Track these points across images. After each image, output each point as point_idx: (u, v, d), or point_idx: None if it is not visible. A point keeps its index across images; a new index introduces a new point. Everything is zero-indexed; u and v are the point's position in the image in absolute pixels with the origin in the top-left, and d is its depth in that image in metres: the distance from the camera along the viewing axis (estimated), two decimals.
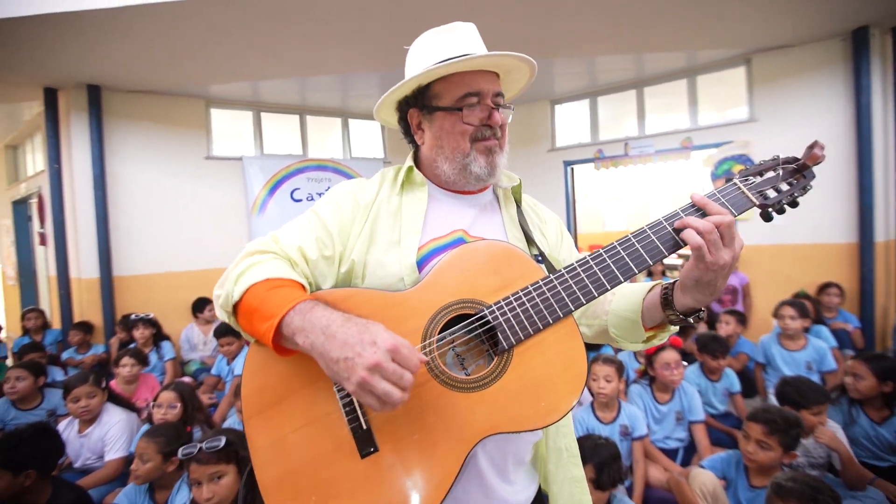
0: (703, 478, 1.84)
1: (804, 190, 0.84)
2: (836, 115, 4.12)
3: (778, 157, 0.85)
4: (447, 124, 0.92)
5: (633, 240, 0.81)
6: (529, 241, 0.97)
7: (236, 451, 1.64)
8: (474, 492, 0.85)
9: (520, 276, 0.83)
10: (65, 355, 4.10)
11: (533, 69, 0.96)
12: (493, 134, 0.92)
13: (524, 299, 0.80)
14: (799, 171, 0.84)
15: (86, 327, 4.24)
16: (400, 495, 0.74)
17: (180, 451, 1.64)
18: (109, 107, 4.57)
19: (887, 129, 4.00)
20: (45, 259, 5.63)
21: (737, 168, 4.55)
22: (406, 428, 0.76)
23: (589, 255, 0.83)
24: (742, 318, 3.53)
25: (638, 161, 5.26)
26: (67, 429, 2.44)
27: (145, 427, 2.31)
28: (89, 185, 4.42)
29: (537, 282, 0.82)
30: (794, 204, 0.84)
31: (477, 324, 0.81)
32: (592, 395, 2.36)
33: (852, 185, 4.06)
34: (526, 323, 0.79)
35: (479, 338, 0.83)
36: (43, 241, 5.31)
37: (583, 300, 0.80)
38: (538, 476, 0.97)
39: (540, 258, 0.94)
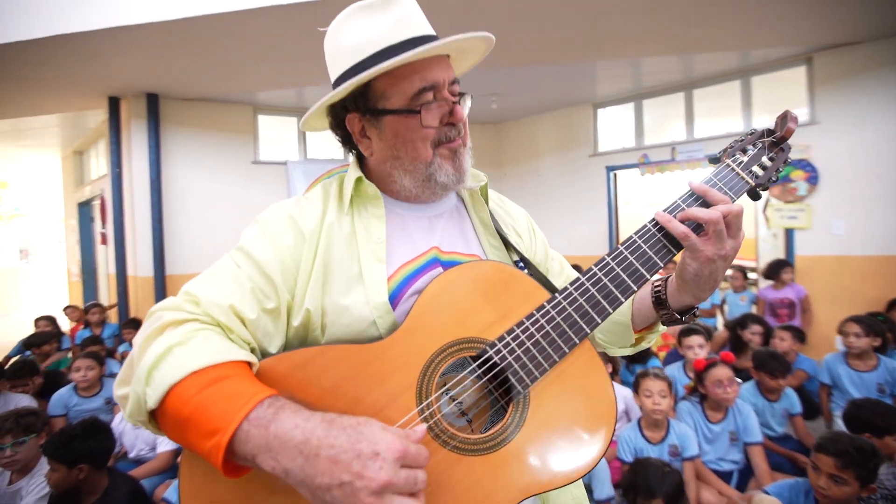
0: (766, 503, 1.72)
1: (785, 164, 0.80)
2: None
3: (755, 130, 0.80)
4: (402, 130, 0.73)
5: (639, 241, 0.72)
6: (507, 246, 0.84)
7: None
8: None
9: (520, 301, 0.70)
10: (121, 349, 4.33)
11: (490, 44, 0.79)
12: (458, 133, 0.76)
13: (532, 329, 0.68)
14: (777, 144, 0.79)
15: (137, 324, 4.46)
16: None
17: None
18: (166, 114, 4.84)
19: None
20: (105, 258, 5.99)
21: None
22: None
23: (595, 265, 0.72)
24: (800, 335, 3.30)
25: (686, 166, 5.05)
26: (123, 420, 2.56)
27: None
28: (146, 188, 4.68)
29: (543, 305, 0.69)
30: (775, 181, 0.79)
31: (477, 365, 0.68)
32: (643, 412, 2.26)
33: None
34: (540, 357, 0.67)
35: (480, 379, 0.70)
36: (104, 241, 5.65)
37: (597, 319, 0.69)
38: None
39: (522, 265, 0.82)
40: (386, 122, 0.74)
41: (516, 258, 0.84)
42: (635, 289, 0.71)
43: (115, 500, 1.90)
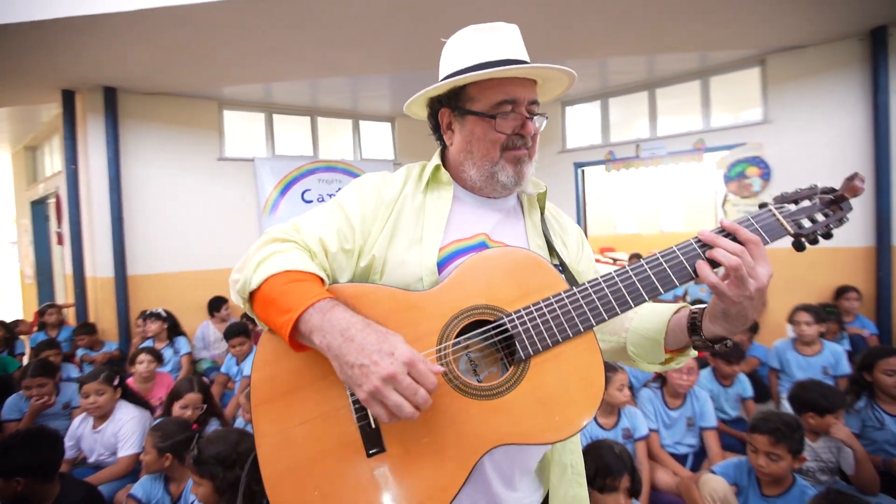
0: (714, 483, 1.82)
1: (840, 222, 0.81)
2: (853, 116, 4.05)
3: (816, 185, 0.82)
4: (479, 130, 0.89)
5: (661, 259, 0.79)
6: (551, 249, 0.95)
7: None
8: (479, 499, 0.83)
9: (541, 286, 0.81)
10: (80, 352, 4.16)
11: (572, 80, 0.94)
12: (524, 143, 0.90)
13: (545, 310, 0.79)
14: (836, 203, 0.81)
15: (89, 329, 4.30)
16: (403, 498, 0.73)
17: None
18: (125, 108, 4.65)
19: None
20: (61, 258, 5.74)
21: (750, 170, 4.49)
22: (415, 430, 0.75)
23: (615, 272, 0.81)
24: (752, 326, 3.47)
25: (650, 163, 5.22)
26: (82, 424, 2.48)
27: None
28: (105, 185, 4.50)
29: (559, 293, 0.80)
30: (828, 235, 0.81)
31: (494, 331, 0.79)
32: (607, 402, 2.34)
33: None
34: (546, 334, 0.78)
35: (494, 345, 0.82)
36: (60, 241, 5.41)
37: (605, 315, 0.78)
38: (542, 488, 0.94)
39: (560, 268, 0.92)
40: (468, 120, 0.90)
41: (556, 262, 0.93)
42: (646, 298, 0.79)
43: None
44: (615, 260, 9.15)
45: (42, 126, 5.99)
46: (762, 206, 0.82)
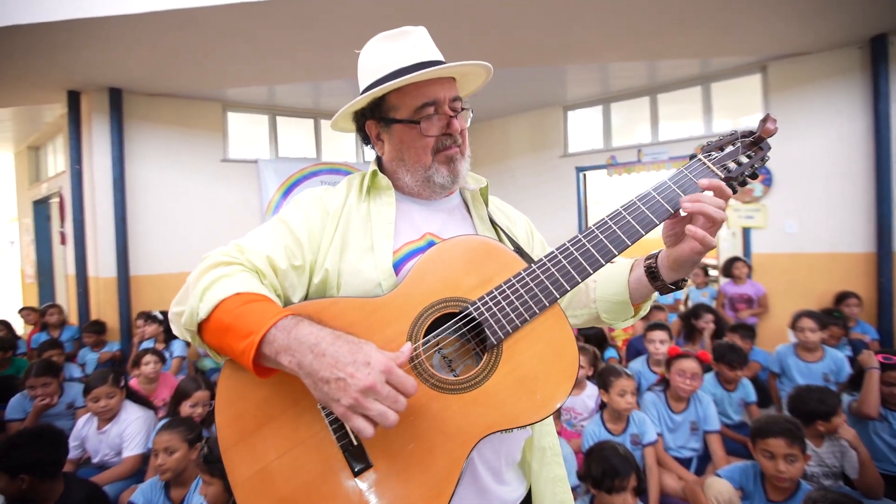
0: (720, 486, 1.82)
1: (762, 161, 0.86)
2: (854, 123, 4.08)
3: (735, 131, 0.87)
4: (406, 137, 0.89)
5: (610, 222, 0.82)
6: (506, 235, 0.97)
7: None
8: (470, 497, 0.83)
9: (500, 270, 0.81)
10: (80, 357, 4.15)
11: (489, 72, 0.94)
12: (454, 142, 0.90)
13: (508, 292, 0.79)
14: (756, 144, 0.86)
15: (98, 327, 4.30)
16: None
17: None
18: (130, 110, 4.67)
19: None
20: (63, 258, 5.74)
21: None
22: (399, 439, 0.72)
23: (568, 241, 0.82)
24: (749, 332, 3.48)
25: (651, 168, 5.24)
26: (87, 425, 2.48)
27: (161, 423, 2.35)
28: (109, 186, 4.51)
29: (519, 273, 0.80)
30: (753, 175, 0.86)
31: (462, 322, 0.79)
32: (612, 408, 2.35)
33: (870, 194, 4.01)
34: (512, 315, 0.77)
35: (464, 337, 0.81)
36: (63, 241, 5.42)
37: (567, 286, 0.79)
38: (526, 479, 0.95)
39: (517, 251, 0.93)
40: (394, 129, 0.90)
41: (512, 247, 0.93)
42: (603, 263, 0.80)
43: None
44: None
45: (45, 126, 6.01)
46: (692, 157, 0.87)
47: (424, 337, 0.77)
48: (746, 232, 4.62)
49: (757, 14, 3.45)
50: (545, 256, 0.81)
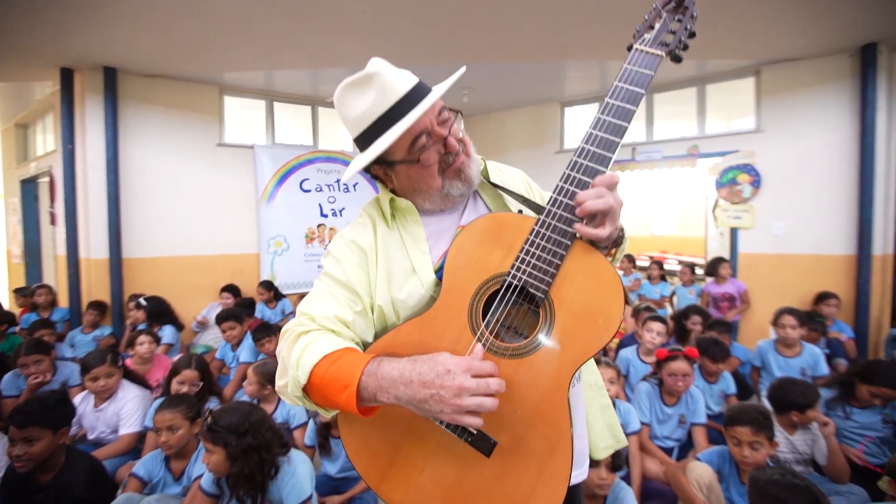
0: (700, 470, 1.92)
1: (693, 18, 0.86)
2: (841, 129, 4.20)
3: (656, 5, 0.87)
4: (412, 172, 0.93)
5: (580, 158, 0.84)
6: (514, 196, 1.02)
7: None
8: None
9: (517, 235, 0.86)
10: (69, 338, 4.13)
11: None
12: (456, 154, 0.93)
13: (532, 249, 0.84)
14: (679, 6, 0.86)
15: (101, 307, 4.29)
16: (538, 464, 0.80)
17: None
18: (125, 90, 4.61)
19: (890, 145, 4.08)
20: (52, 238, 5.67)
21: (741, 177, 4.63)
22: (507, 410, 0.80)
23: (560, 181, 0.85)
24: (727, 328, 3.58)
25: (645, 166, 5.33)
26: (84, 402, 2.50)
27: (157, 402, 2.38)
28: (102, 166, 4.46)
29: (532, 228, 0.85)
30: (692, 34, 0.86)
31: (509, 293, 0.85)
32: None
33: (853, 198, 4.14)
34: (546, 266, 0.83)
35: (518, 304, 0.86)
36: (53, 221, 5.35)
37: (578, 219, 0.83)
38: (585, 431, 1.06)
39: (528, 205, 0.99)
40: (398, 169, 0.94)
41: (519, 207, 1.00)
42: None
43: (73, 478, 1.88)
44: None
45: (35, 104, 5.89)
46: (629, 48, 0.87)
47: (484, 320, 0.84)
48: (734, 232, 4.74)
49: (752, 18, 3.52)
50: (548, 203, 0.85)
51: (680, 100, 5.18)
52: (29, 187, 6.50)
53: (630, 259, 5.72)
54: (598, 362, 2.46)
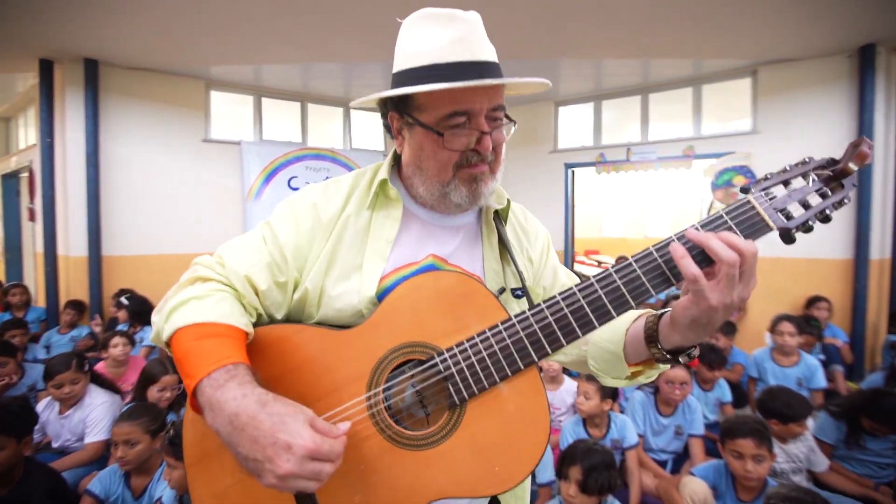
0: (695, 486, 1.83)
1: (840, 204, 0.65)
2: (839, 130, 4.14)
3: (810, 159, 0.66)
4: (427, 145, 0.77)
5: (615, 275, 0.68)
6: (515, 269, 0.86)
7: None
8: None
9: (477, 318, 0.72)
10: (45, 338, 3.97)
11: (544, 83, 0.80)
12: (483, 160, 0.77)
13: (480, 346, 0.70)
14: (836, 179, 0.65)
15: (79, 307, 4.15)
16: None
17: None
18: (106, 83, 4.48)
19: (888, 148, 4.02)
20: (32, 235, 5.52)
21: (737, 179, 4.56)
22: (348, 488, 0.70)
23: (559, 295, 0.70)
24: (730, 328, 3.52)
25: (640, 167, 5.25)
26: (48, 409, 2.37)
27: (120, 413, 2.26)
28: (82, 161, 4.33)
29: (496, 325, 0.71)
30: (826, 219, 0.67)
31: (428, 372, 0.72)
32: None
33: (851, 202, 4.07)
34: (481, 375, 0.69)
35: (431, 386, 0.73)
36: (32, 217, 5.20)
37: (548, 349, 0.69)
38: None
39: (521, 293, 0.85)
40: (416, 131, 0.78)
41: (515, 286, 0.85)
42: (596, 325, 0.68)
43: (31, 492, 1.76)
44: (599, 263, 9.24)
45: (17, 96, 5.74)
46: (743, 190, 0.68)
47: (386, 382, 0.72)
48: None
49: (750, 18, 3.45)
50: (529, 310, 0.70)
51: (676, 100, 5.11)
52: (10, 182, 6.34)
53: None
54: (570, 374, 2.34)
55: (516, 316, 0.71)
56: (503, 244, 0.87)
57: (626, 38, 3.91)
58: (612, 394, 2.29)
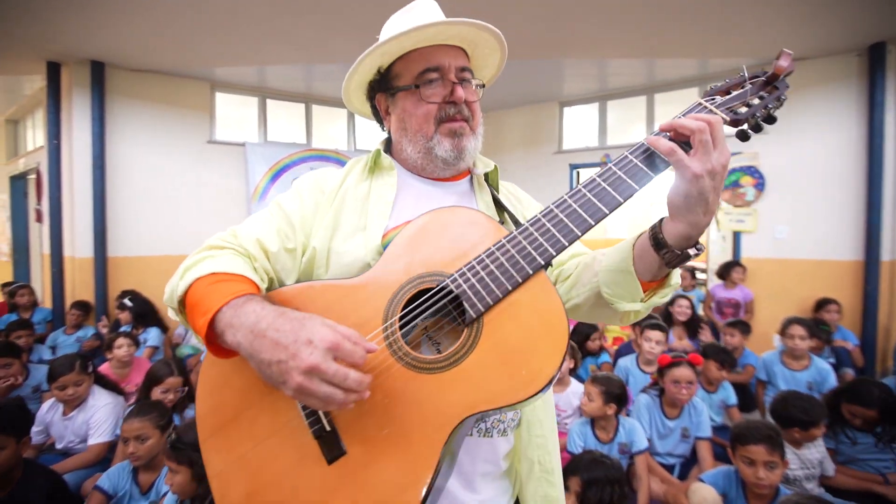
0: (704, 492, 1.79)
1: (779, 101, 0.75)
2: (848, 130, 4.08)
3: (743, 71, 0.77)
4: (409, 104, 0.87)
5: (598, 179, 0.73)
6: (512, 219, 0.91)
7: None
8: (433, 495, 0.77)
9: (481, 240, 0.75)
10: (51, 339, 3.99)
11: (502, 43, 0.90)
12: (459, 112, 0.86)
13: (488, 261, 0.72)
14: (769, 84, 0.76)
15: (84, 307, 4.17)
16: (377, 498, 0.66)
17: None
18: (113, 84, 4.50)
19: None
20: (39, 236, 5.56)
21: (744, 180, 4.50)
22: (374, 423, 0.68)
23: (553, 203, 0.74)
24: (746, 328, 3.48)
25: None
26: (51, 410, 2.38)
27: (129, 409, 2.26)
28: (88, 163, 4.35)
29: (500, 240, 0.73)
30: (770, 119, 0.75)
31: (443, 298, 0.72)
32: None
33: (861, 202, 4.01)
34: (493, 286, 0.70)
35: (449, 315, 0.74)
36: (39, 218, 5.24)
37: (552, 251, 0.70)
38: (512, 489, 0.87)
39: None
40: (398, 98, 0.89)
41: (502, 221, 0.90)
42: (591, 223, 0.71)
43: (30, 493, 1.76)
44: None
45: (25, 99, 5.79)
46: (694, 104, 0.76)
47: (402, 312, 0.72)
48: (737, 236, 4.61)
49: (756, 16, 3.41)
50: (528, 221, 0.73)
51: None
52: (18, 184, 6.39)
53: (692, 274, 4.98)
54: (577, 377, 2.32)
55: (518, 229, 0.74)
56: (497, 203, 0.94)
57: (630, 38, 3.87)
58: (616, 399, 2.25)
